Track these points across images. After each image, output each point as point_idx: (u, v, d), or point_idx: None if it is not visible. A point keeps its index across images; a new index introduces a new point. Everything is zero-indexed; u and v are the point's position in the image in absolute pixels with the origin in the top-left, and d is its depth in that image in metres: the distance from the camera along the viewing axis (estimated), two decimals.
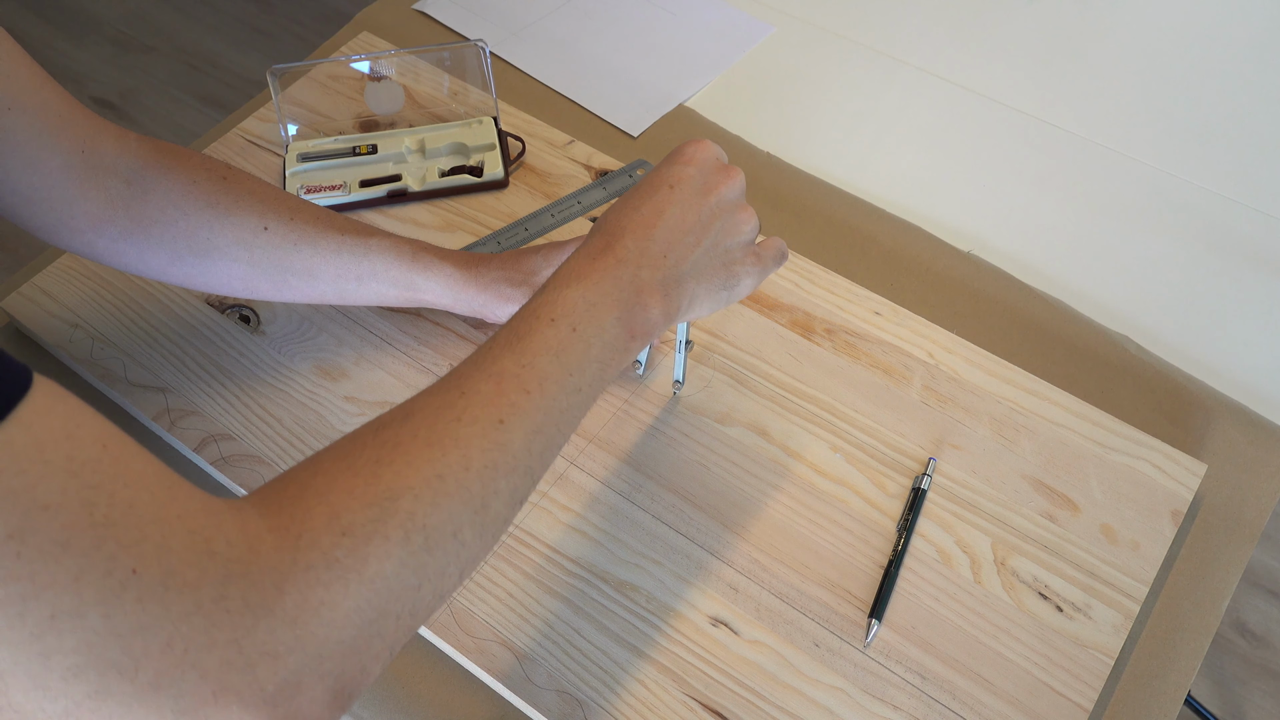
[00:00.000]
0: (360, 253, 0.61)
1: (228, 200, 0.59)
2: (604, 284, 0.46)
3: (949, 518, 0.61)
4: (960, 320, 0.71)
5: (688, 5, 0.94)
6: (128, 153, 0.57)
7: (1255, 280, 0.75)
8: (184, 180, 0.58)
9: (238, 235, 0.59)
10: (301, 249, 0.60)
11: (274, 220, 0.60)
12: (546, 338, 0.44)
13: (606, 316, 0.45)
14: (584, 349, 0.44)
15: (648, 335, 0.47)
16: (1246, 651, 1.25)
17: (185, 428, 0.64)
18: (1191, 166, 0.82)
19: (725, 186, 0.51)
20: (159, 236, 0.58)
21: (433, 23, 0.92)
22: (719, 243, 0.51)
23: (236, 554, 0.32)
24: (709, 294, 0.51)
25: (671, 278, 0.48)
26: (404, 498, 0.37)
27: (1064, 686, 0.55)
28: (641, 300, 0.47)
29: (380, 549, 0.36)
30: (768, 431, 0.64)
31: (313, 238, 0.60)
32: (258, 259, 0.60)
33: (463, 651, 0.56)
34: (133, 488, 0.31)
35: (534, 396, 0.42)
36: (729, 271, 0.51)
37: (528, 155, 0.79)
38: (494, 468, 0.40)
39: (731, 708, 0.54)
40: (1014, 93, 0.87)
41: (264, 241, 0.59)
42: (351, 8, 1.98)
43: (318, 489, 0.37)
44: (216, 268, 0.60)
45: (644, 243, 0.48)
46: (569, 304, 0.45)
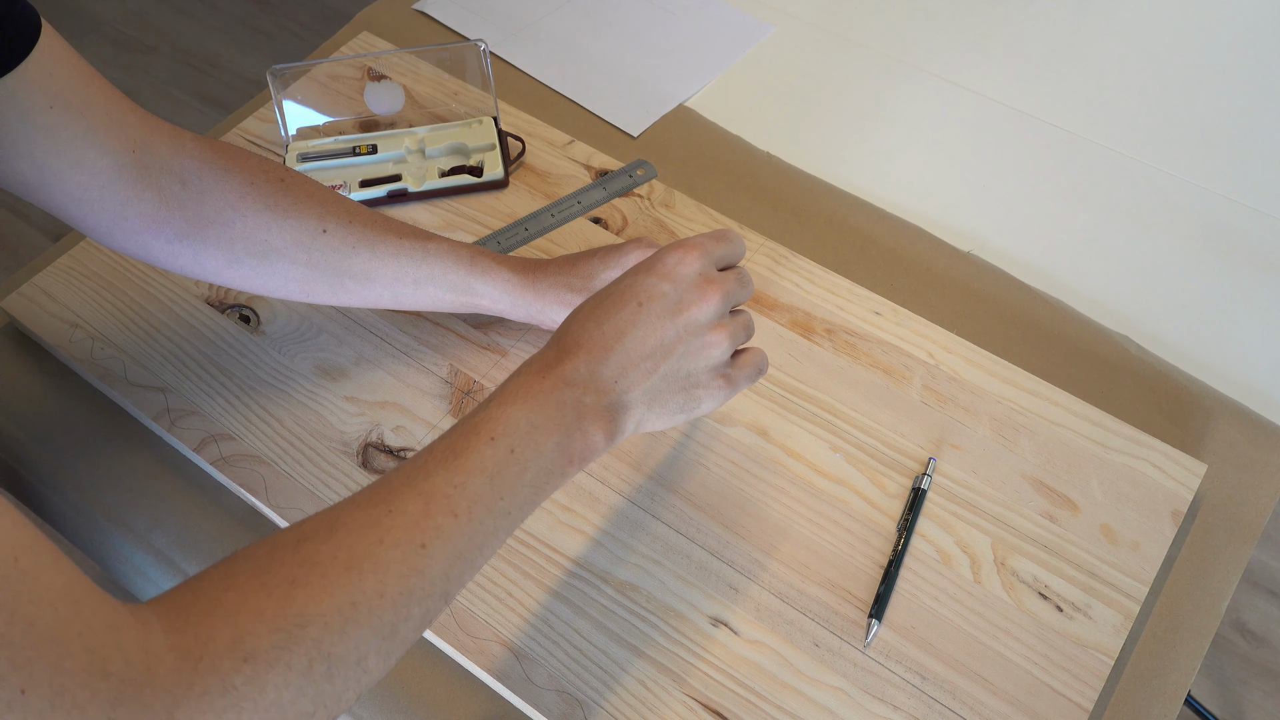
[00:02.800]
0: (419, 257, 0.61)
1: (286, 202, 0.58)
2: (548, 406, 0.45)
3: (949, 518, 0.61)
4: (960, 320, 0.71)
5: (688, 5, 0.94)
6: (183, 153, 0.57)
7: (1255, 280, 0.75)
8: (242, 181, 0.58)
9: (296, 237, 0.58)
10: (360, 252, 0.60)
11: (332, 223, 0.59)
12: (483, 457, 0.43)
13: (546, 440, 0.44)
14: (519, 472, 0.44)
15: (586, 459, 0.46)
16: (1246, 651, 1.25)
17: (185, 428, 0.64)
18: (1191, 166, 0.82)
19: (699, 307, 0.48)
20: (216, 238, 0.58)
21: (433, 23, 0.92)
22: (679, 367, 0.49)
23: (132, 674, 0.32)
24: (661, 417, 0.49)
25: (619, 404, 0.47)
26: (313, 625, 0.36)
27: (1064, 686, 0.55)
28: (583, 426, 0.46)
29: (281, 677, 0.35)
30: (768, 431, 0.64)
31: (371, 241, 0.60)
32: (315, 261, 0.59)
33: (463, 651, 0.56)
34: (37, 604, 0.31)
35: (461, 520, 0.41)
36: (688, 395, 0.50)
37: (528, 155, 0.79)
38: (409, 594, 0.39)
39: (731, 708, 0.54)
40: (1014, 93, 0.87)
41: (322, 244, 0.59)
42: (351, 8, 1.98)
43: (227, 607, 0.36)
44: (274, 270, 0.59)
45: (596, 365, 0.47)
46: (510, 423, 0.44)
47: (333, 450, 0.63)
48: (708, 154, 0.82)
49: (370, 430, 0.64)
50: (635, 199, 0.76)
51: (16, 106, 0.49)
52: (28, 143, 0.50)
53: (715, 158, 0.81)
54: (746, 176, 0.80)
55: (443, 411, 0.65)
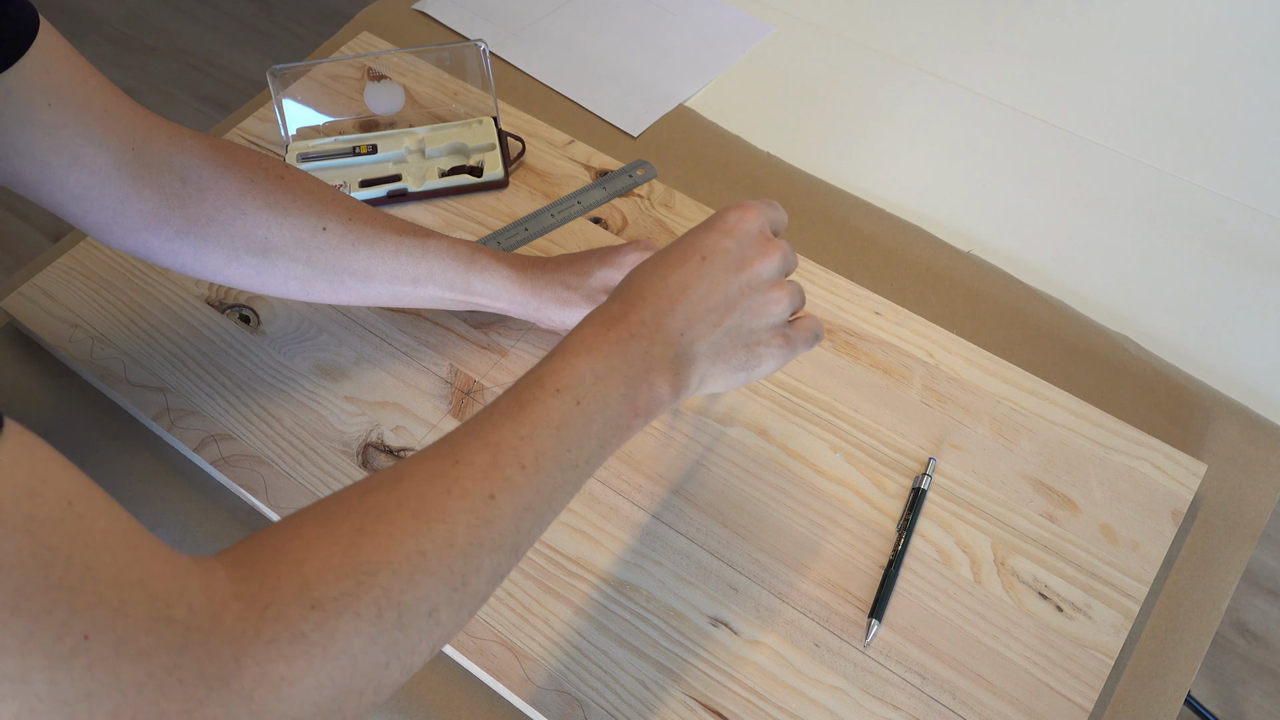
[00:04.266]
0: (418, 254, 0.61)
1: (286, 200, 0.58)
2: (614, 357, 0.45)
3: (949, 518, 0.61)
4: (960, 320, 0.71)
5: (688, 5, 0.94)
6: (183, 150, 0.57)
7: (1255, 280, 0.75)
8: (242, 179, 0.57)
9: (296, 235, 0.58)
10: (360, 250, 0.60)
11: (332, 220, 0.59)
12: (549, 409, 0.42)
13: (612, 392, 0.44)
14: (585, 424, 0.43)
15: (653, 413, 0.46)
16: (1246, 651, 1.25)
17: (185, 428, 0.64)
18: (1192, 166, 0.82)
19: (761, 263, 0.49)
20: (216, 236, 0.58)
21: (433, 23, 0.92)
22: (743, 323, 0.49)
23: (197, 621, 0.31)
24: (724, 374, 0.49)
25: (685, 356, 0.47)
26: (381, 573, 0.36)
27: (1064, 686, 0.55)
28: (649, 378, 0.45)
29: (350, 625, 0.34)
30: (768, 431, 0.64)
31: (371, 239, 0.60)
32: (316, 259, 0.59)
33: (463, 651, 0.56)
34: (94, 548, 0.30)
35: (529, 472, 0.41)
36: (750, 352, 0.49)
37: (528, 155, 0.79)
38: (479, 545, 0.39)
39: (731, 708, 0.54)
40: (1014, 93, 0.87)
41: (322, 242, 0.59)
42: (351, 8, 1.99)
43: (293, 555, 0.35)
44: (274, 268, 0.59)
45: (662, 317, 0.46)
46: (576, 375, 0.44)
47: (333, 450, 0.63)
48: (708, 154, 0.82)
49: (370, 430, 0.64)
50: (635, 199, 0.76)
51: (15, 104, 0.49)
52: (26, 140, 0.50)
53: (715, 158, 0.81)
54: (746, 176, 0.80)
55: (443, 411, 0.65)
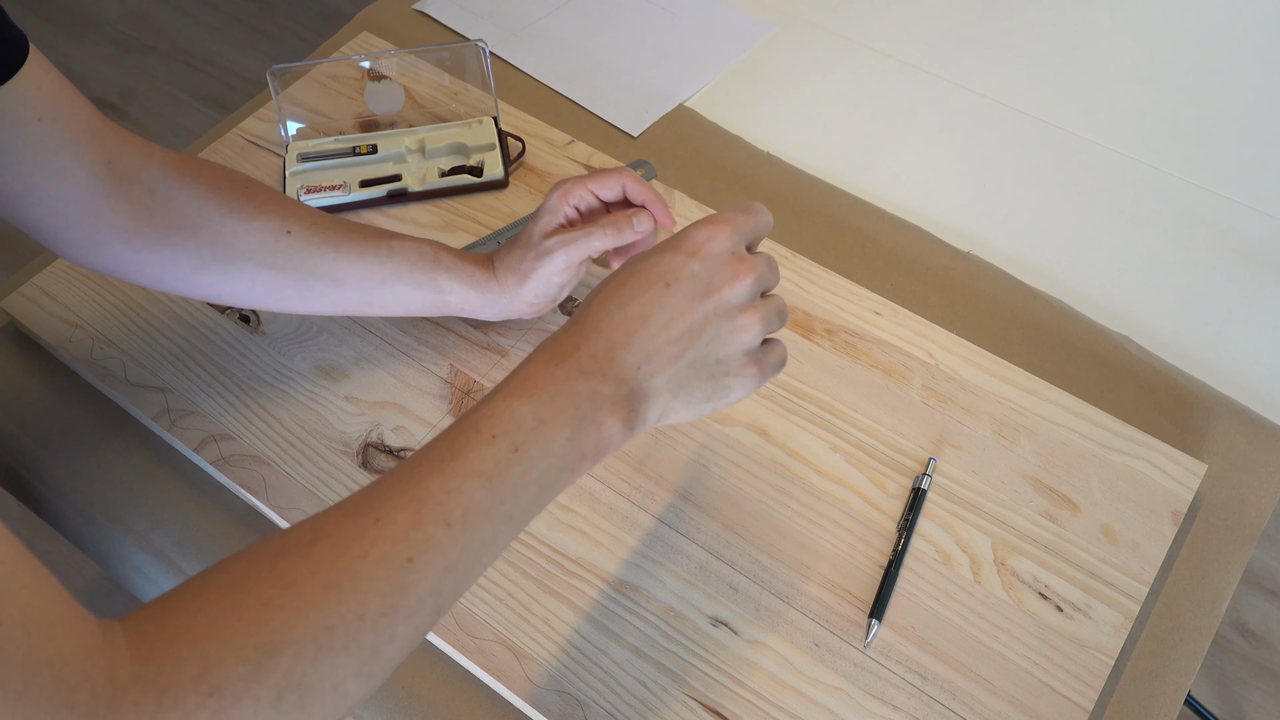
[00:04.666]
0: (383, 254, 0.61)
1: (250, 206, 0.59)
2: (559, 398, 0.42)
3: (949, 518, 0.61)
4: (960, 320, 0.71)
5: (688, 5, 0.94)
6: (151, 162, 0.57)
7: (1255, 280, 0.75)
8: (207, 187, 0.58)
9: (261, 239, 0.58)
10: (325, 252, 0.60)
11: (296, 224, 0.59)
12: (482, 458, 0.40)
13: (556, 435, 0.41)
14: (524, 472, 0.40)
15: (603, 453, 0.43)
16: (1246, 651, 1.25)
17: (185, 428, 0.64)
18: (1192, 166, 0.82)
19: (731, 288, 0.45)
20: (184, 244, 0.58)
21: (433, 23, 0.92)
22: (709, 353, 0.45)
23: (97, 708, 0.31)
24: (687, 406, 0.46)
25: (641, 392, 0.44)
26: (285, 653, 0.34)
27: (1064, 686, 0.55)
28: (598, 418, 0.42)
29: (249, 711, 0.33)
30: (768, 431, 0.64)
31: (335, 242, 0.60)
32: (282, 264, 0.59)
33: (463, 651, 0.56)
34: (8, 626, 0.30)
35: (455, 530, 0.39)
36: (716, 383, 0.46)
37: (528, 155, 0.79)
38: (393, 613, 0.37)
39: (731, 708, 0.54)
40: (1014, 93, 0.87)
41: (287, 245, 0.59)
42: (351, 8, 1.99)
43: (196, 634, 0.34)
44: (242, 274, 0.59)
45: (617, 350, 0.43)
46: (515, 418, 0.41)
47: (333, 450, 0.63)
48: (708, 154, 0.82)
49: (370, 430, 0.64)
50: None
51: (8, 118, 0.50)
52: (15, 153, 0.51)
53: (715, 158, 0.81)
54: (746, 176, 0.80)
55: (443, 411, 0.65)
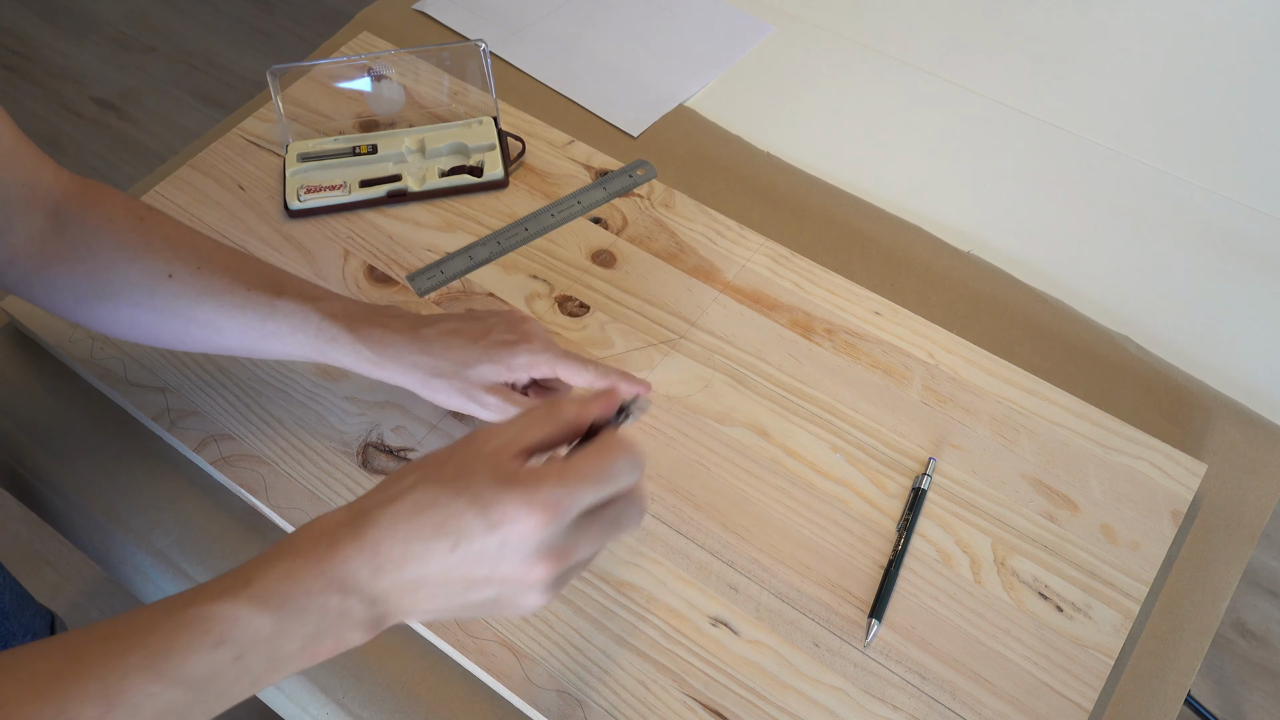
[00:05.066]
0: (264, 313, 0.57)
1: (137, 242, 0.56)
2: (307, 614, 0.38)
3: (949, 518, 0.61)
4: (960, 320, 0.71)
5: (688, 5, 0.94)
6: (58, 187, 0.56)
7: (1255, 280, 0.75)
8: (99, 218, 0.56)
9: (140, 279, 0.56)
10: (204, 301, 0.57)
11: (179, 268, 0.57)
12: (199, 664, 0.36)
13: (289, 645, 0.38)
14: (237, 677, 0.37)
15: (335, 654, 0.40)
16: (1246, 651, 1.25)
17: (185, 428, 0.64)
18: (1192, 167, 0.82)
19: (518, 588, 0.40)
20: (66, 276, 0.56)
21: (433, 23, 0.92)
22: (481, 607, 0.41)
23: None
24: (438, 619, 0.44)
25: (393, 615, 0.41)
26: None
27: (1064, 686, 0.55)
28: (341, 632, 0.39)
29: None
30: (768, 431, 0.64)
31: (217, 291, 0.57)
32: (159, 306, 0.57)
33: (463, 651, 0.56)
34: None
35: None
36: (481, 612, 0.42)
37: (528, 155, 0.79)
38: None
39: (731, 708, 0.54)
40: (1014, 93, 0.87)
41: (166, 289, 0.56)
42: (351, 8, 1.98)
43: None
44: (119, 312, 0.57)
45: (383, 579, 0.39)
46: (250, 631, 0.37)
47: (333, 450, 0.63)
48: (708, 154, 0.82)
49: (370, 430, 0.64)
50: (635, 199, 0.76)
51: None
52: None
53: (715, 158, 0.81)
54: (746, 176, 0.80)
55: (442, 412, 0.65)
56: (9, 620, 0.68)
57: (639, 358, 0.67)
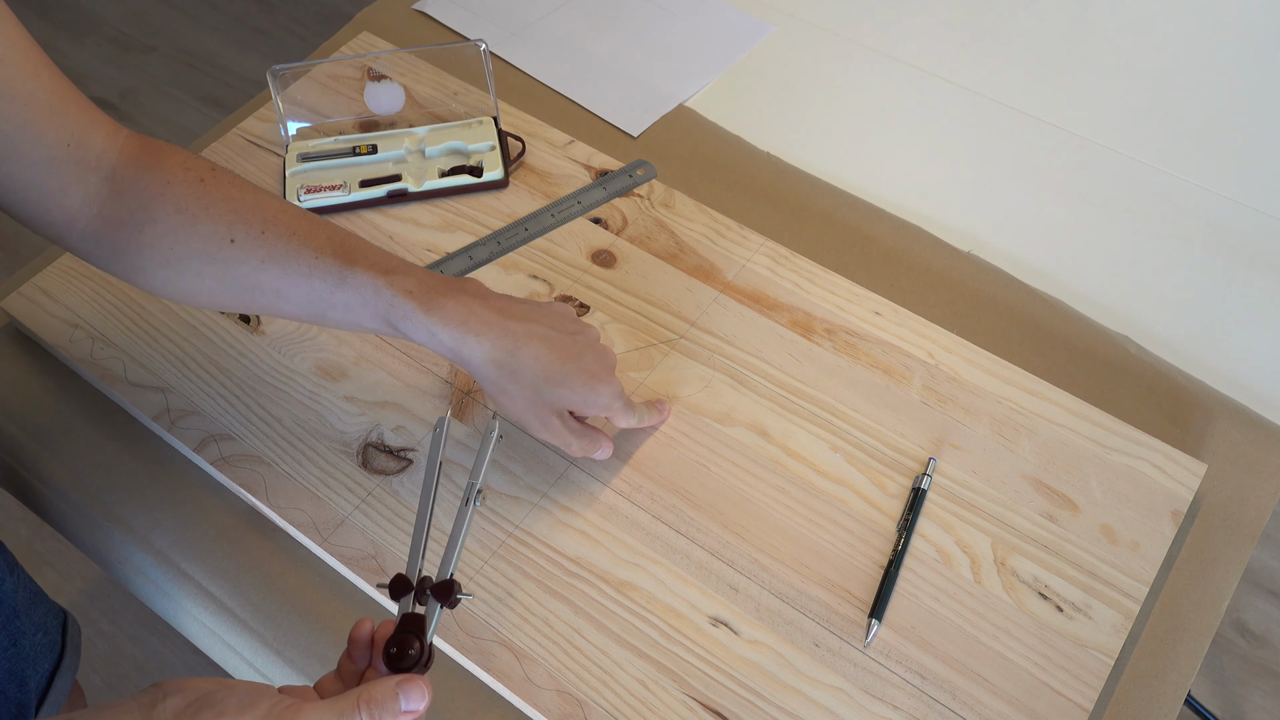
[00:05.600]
0: (333, 283, 0.54)
1: (198, 206, 0.54)
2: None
3: (949, 518, 0.61)
4: (960, 320, 0.71)
5: (688, 5, 0.94)
6: (113, 148, 0.55)
7: (1255, 280, 0.75)
8: (159, 181, 0.54)
9: (202, 246, 0.54)
10: (269, 268, 0.54)
11: (242, 232, 0.54)
12: None
13: None
14: None
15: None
16: (1246, 651, 1.25)
17: (185, 428, 0.64)
18: (1192, 166, 0.82)
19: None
20: (126, 242, 0.54)
21: (433, 23, 0.92)
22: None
23: None
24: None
25: None
26: None
27: (1064, 686, 0.55)
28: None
29: None
30: (768, 431, 0.64)
31: (283, 257, 0.54)
32: (221, 273, 0.54)
33: (463, 651, 0.56)
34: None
35: None
36: None
37: (528, 155, 0.79)
38: None
39: (731, 708, 0.54)
40: (1014, 93, 0.87)
41: (228, 255, 0.54)
42: (351, 8, 1.98)
43: None
44: (180, 280, 0.55)
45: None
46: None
47: (333, 450, 0.63)
48: (708, 154, 0.82)
49: (370, 430, 0.64)
50: (635, 199, 0.76)
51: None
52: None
53: (715, 158, 0.81)
54: (746, 176, 0.80)
55: (443, 411, 0.65)
56: (21, 619, 0.68)
57: (639, 358, 0.67)
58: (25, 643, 0.68)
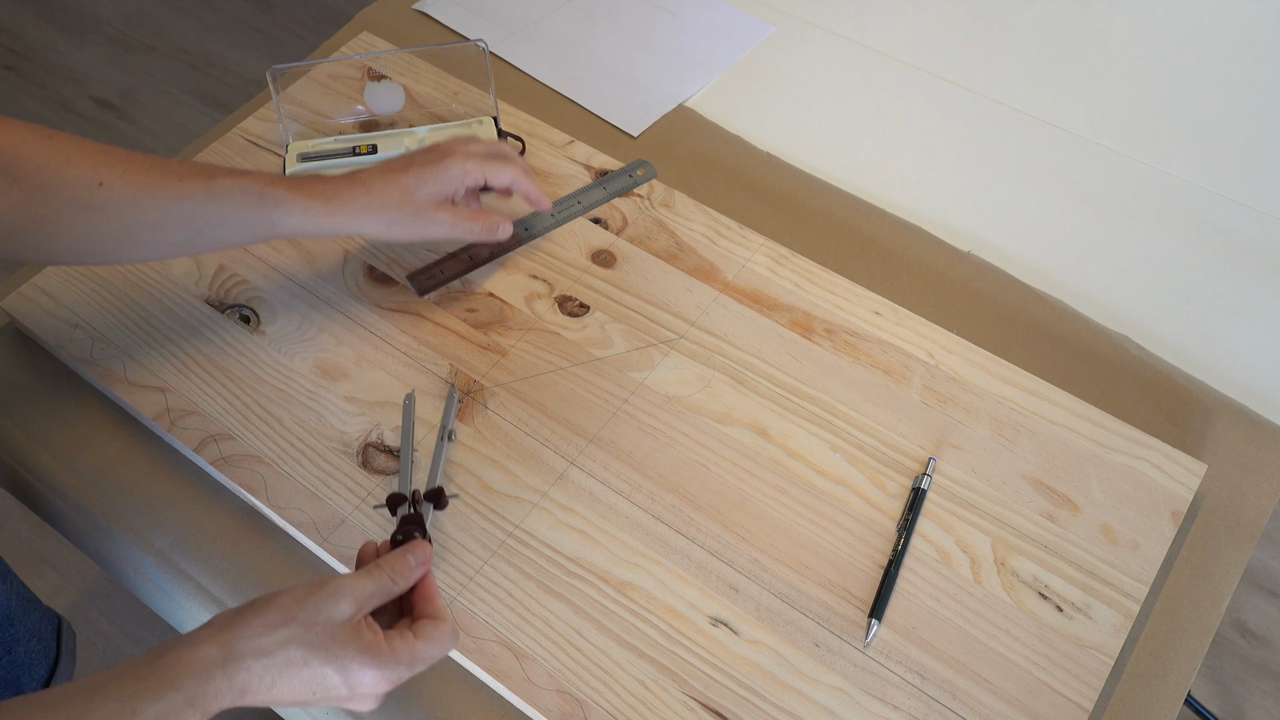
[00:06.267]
0: (203, 197, 0.58)
1: (58, 160, 0.55)
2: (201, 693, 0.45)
3: (949, 518, 0.61)
4: (960, 320, 0.71)
5: (688, 5, 0.94)
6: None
7: (1255, 280, 0.75)
8: (8, 147, 0.55)
9: (72, 194, 0.55)
10: (141, 201, 0.57)
11: (106, 174, 0.56)
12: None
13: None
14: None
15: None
16: (1246, 651, 1.25)
17: (185, 428, 0.64)
18: (1192, 166, 0.82)
19: (358, 707, 0.49)
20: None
21: (433, 23, 0.92)
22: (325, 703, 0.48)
23: None
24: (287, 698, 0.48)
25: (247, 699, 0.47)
26: None
27: (1064, 686, 0.55)
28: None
29: None
30: (768, 431, 0.64)
31: (151, 188, 0.57)
32: (97, 218, 0.56)
33: (463, 651, 0.56)
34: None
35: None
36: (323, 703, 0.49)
37: (528, 155, 0.79)
38: None
39: (731, 708, 0.54)
40: (1014, 93, 0.87)
41: (101, 199, 0.56)
42: (351, 8, 1.98)
43: None
44: (58, 235, 0.56)
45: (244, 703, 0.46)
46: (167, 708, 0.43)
47: (333, 450, 0.63)
48: (708, 154, 0.82)
49: (370, 430, 0.64)
50: (635, 199, 0.76)
51: None
52: None
53: (715, 158, 0.81)
54: (746, 176, 0.80)
55: (443, 411, 0.65)
56: (14, 625, 0.67)
57: (639, 357, 0.67)
58: (19, 650, 0.68)
